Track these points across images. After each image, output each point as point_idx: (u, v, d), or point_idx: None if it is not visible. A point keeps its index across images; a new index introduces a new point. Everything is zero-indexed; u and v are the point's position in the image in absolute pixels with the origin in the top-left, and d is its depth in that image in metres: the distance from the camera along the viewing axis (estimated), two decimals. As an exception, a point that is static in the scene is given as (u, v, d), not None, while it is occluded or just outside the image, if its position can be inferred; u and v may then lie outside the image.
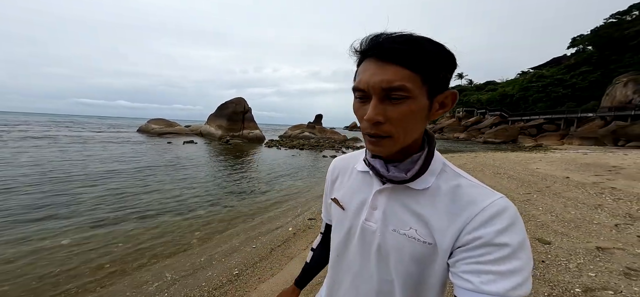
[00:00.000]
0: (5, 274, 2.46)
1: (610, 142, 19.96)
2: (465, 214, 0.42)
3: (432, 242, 0.44)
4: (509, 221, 0.39)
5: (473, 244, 0.40)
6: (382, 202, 0.49)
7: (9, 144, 11.90)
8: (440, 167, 0.47)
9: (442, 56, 0.40)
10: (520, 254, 0.38)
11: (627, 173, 6.17)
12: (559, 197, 4.48)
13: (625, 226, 3.12)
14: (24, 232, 3.29)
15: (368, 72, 0.41)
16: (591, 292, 2.00)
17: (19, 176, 5.94)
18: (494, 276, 0.37)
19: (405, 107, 0.40)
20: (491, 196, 0.42)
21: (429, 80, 0.40)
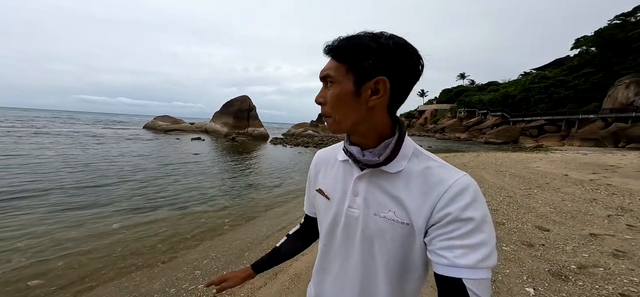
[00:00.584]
0: (76, 252, 2.83)
1: (610, 144, 20.15)
2: (435, 193, 0.45)
3: (409, 223, 0.47)
4: (472, 197, 0.43)
5: (444, 220, 0.44)
6: (363, 188, 0.52)
7: (26, 140, 12.28)
8: (412, 151, 0.51)
9: (366, 48, 0.45)
10: (484, 227, 0.42)
11: (623, 172, 6.50)
12: (558, 192, 4.82)
13: (616, 216, 3.46)
14: (77, 218, 3.66)
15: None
16: (584, 268, 2.33)
17: (54, 171, 6.29)
18: (464, 249, 0.41)
19: (332, 90, 0.48)
20: (456, 174, 0.46)
21: (354, 69, 0.46)
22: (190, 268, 2.56)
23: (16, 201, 4.07)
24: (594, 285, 2.07)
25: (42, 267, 2.53)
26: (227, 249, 3.04)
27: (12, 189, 4.55)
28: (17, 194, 4.28)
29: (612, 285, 2.06)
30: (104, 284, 2.33)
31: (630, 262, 2.37)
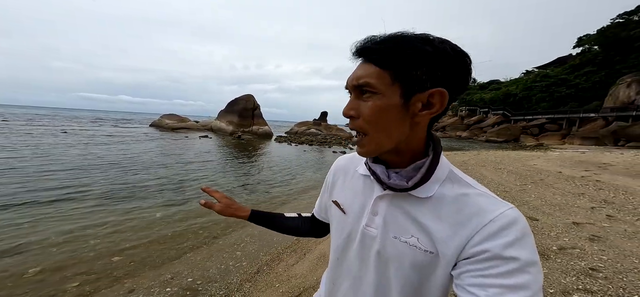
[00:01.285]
0: (136, 236, 3.30)
1: (610, 142, 20.40)
2: (472, 225, 0.40)
3: (434, 252, 0.43)
4: (519, 234, 0.38)
5: (480, 256, 0.39)
6: (383, 208, 0.49)
7: (47, 139, 12.78)
8: (446, 174, 0.46)
9: (420, 52, 0.39)
10: (530, 269, 0.37)
11: (614, 169, 6.91)
12: (550, 187, 5.25)
13: (599, 208, 3.89)
14: (125, 210, 4.14)
15: (353, 71, 0.44)
16: (563, 250, 2.76)
17: (86, 169, 6.72)
18: (501, 289, 0.36)
19: (372, 102, 0.41)
20: (500, 206, 0.41)
21: (401, 78, 0.40)
22: (231, 249, 3.03)
23: (67, 197, 4.53)
24: (569, 262, 2.51)
25: (115, 248, 2.99)
26: (258, 235, 3.50)
27: (59, 185, 5.01)
28: (65, 191, 4.73)
29: (584, 262, 2.49)
30: (170, 262, 2.79)
31: (603, 245, 2.80)
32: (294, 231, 0.73)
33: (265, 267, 2.72)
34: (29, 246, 2.90)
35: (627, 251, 2.64)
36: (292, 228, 0.73)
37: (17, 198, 4.14)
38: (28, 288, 2.24)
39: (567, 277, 2.24)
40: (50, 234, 3.16)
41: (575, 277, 2.24)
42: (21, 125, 18.20)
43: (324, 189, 0.66)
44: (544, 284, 2.21)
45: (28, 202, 4.05)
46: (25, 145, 9.57)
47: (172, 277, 2.45)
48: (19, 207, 3.86)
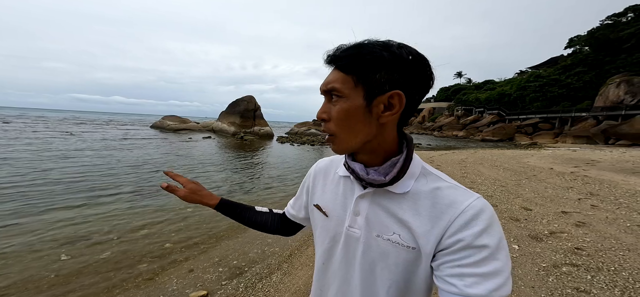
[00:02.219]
0: (175, 227, 3.66)
1: (601, 141, 21.07)
2: (446, 217, 0.42)
3: (415, 247, 0.44)
4: (487, 223, 0.41)
5: (454, 247, 0.41)
6: (365, 207, 0.50)
7: (54, 143, 12.95)
8: (419, 170, 0.48)
9: (378, 58, 0.41)
10: (499, 255, 0.39)
11: (601, 165, 7.45)
12: (542, 182, 5.74)
13: (585, 199, 4.37)
14: (155, 204, 4.52)
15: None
16: (554, 233, 3.21)
17: (110, 170, 7.05)
18: (476, 278, 0.39)
19: (339, 106, 0.44)
20: (469, 197, 0.43)
21: (363, 82, 0.42)
22: (263, 237, 3.40)
23: (102, 196, 4.88)
24: (558, 243, 2.95)
25: (164, 237, 3.37)
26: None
27: (92, 187, 5.33)
28: (99, 192, 5.05)
29: (571, 243, 2.94)
30: (213, 248, 3.18)
31: (587, 229, 3.25)
32: (261, 226, 0.72)
33: (296, 251, 3.12)
34: (90, 237, 3.29)
35: (606, 233, 3.10)
36: (259, 223, 0.72)
37: (67, 200, 4.45)
38: (106, 269, 2.63)
39: (557, 254, 2.68)
40: (103, 229, 3.54)
41: (563, 254, 2.68)
42: (19, 128, 18.23)
43: (302, 189, 0.67)
44: (539, 259, 2.70)
45: (78, 204, 4.37)
46: (41, 149, 9.77)
47: (219, 260, 2.83)
48: (75, 209, 4.19)
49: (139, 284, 2.38)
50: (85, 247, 3.00)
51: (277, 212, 0.74)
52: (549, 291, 2.10)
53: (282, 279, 2.49)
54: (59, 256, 2.75)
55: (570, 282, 2.20)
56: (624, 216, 3.60)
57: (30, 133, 14.97)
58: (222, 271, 2.61)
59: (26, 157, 7.54)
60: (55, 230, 3.36)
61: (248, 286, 2.39)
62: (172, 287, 2.33)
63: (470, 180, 6.34)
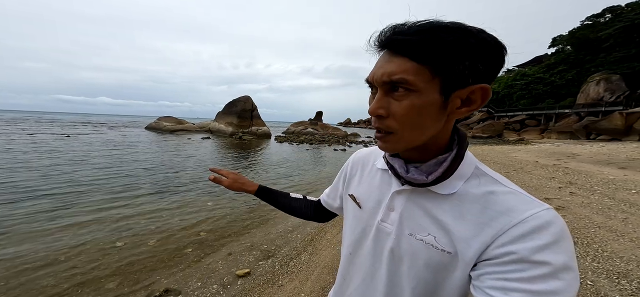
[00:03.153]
0: (199, 220, 3.97)
1: (583, 136, 22.16)
2: (498, 225, 0.37)
3: (452, 252, 0.40)
4: (553, 238, 0.34)
5: (504, 259, 0.35)
6: (400, 203, 0.47)
7: (55, 143, 12.86)
8: (472, 170, 0.43)
9: (462, 45, 0.35)
10: (563, 275, 0.33)
11: (580, 158, 8.17)
12: (528, 173, 6.34)
13: (565, 187, 4.95)
14: (176, 200, 4.86)
15: (377, 63, 0.40)
16: (537, 216, 3.72)
17: (128, 172, 7.23)
18: (525, 294, 0.33)
19: (408, 102, 0.38)
20: (534, 206, 0.37)
21: (442, 73, 0.36)
22: (284, 225, 3.78)
23: (129, 195, 5.14)
24: (541, 223, 3.46)
25: (196, 227, 3.69)
26: (292, 224, 4.21)
27: (115, 187, 5.56)
28: (124, 192, 5.28)
29: (552, 222, 3.45)
30: (242, 235, 3.52)
31: (565, 212, 3.78)
32: (297, 212, 0.75)
33: (317, 236, 3.51)
34: (132, 228, 3.61)
35: (581, 215, 3.63)
36: (295, 208, 0.75)
37: (99, 202, 4.69)
38: (158, 253, 2.96)
39: (539, 232, 3.18)
40: (140, 222, 3.85)
41: (545, 232, 3.18)
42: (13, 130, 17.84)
43: (339, 179, 0.66)
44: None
45: (108, 205, 4.61)
46: (54, 152, 9.79)
47: (250, 246, 3.19)
48: (108, 208, 4.45)
49: (190, 264, 2.73)
50: (132, 236, 3.33)
51: (311, 200, 0.76)
52: (533, 259, 2.57)
53: (310, 258, 2.89)
54: (115, 244, 3.07)
55: (550, 252, 2.68)
56: (597, 201, 4.16)
57: (26, 136, 14.74)
58: (256, 254, 2.98)
59: (44, 163, 7.61)
60: (100, 225, 3.70)
61: (282, 264, 2.77)
62: (219, 267, 2.69)
63: (464, 173, 6.89)
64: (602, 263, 2.39)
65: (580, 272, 2.25)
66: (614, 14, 30.85)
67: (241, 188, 0.76)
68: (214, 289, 2.34)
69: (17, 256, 2.80)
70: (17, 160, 7.75)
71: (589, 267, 2.33)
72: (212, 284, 2.40)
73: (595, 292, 1.99)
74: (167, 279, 2.46)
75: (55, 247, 3.01)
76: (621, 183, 5.06)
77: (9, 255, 2.82)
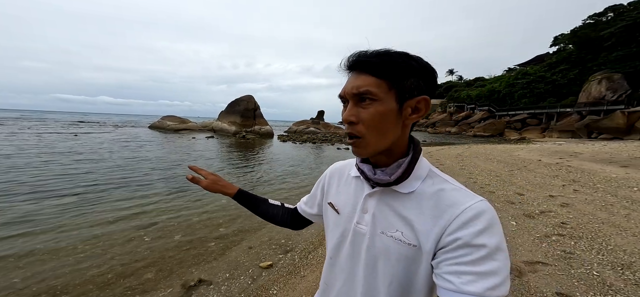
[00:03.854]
0: (220, 215, 4.14)
1: (584, 135, 22.13)
2: (446, 216, 0.45)
3: (416, 245, 0.46)
4: (487, 223, 0.42)
5: (453, 245, 0.43)
6: (372, 205, 0.53)
7: (73, 145, 12.97)
8: (426, 172, 0.51)
9: (409, 65, 0.46)
10: (498, 256, 0.40)
11: (582, 157, 8.30)
12: (532, 172, 6.47)
13: (568, 185, 5.08)
14: (193, 197, 5.06)
15: (347, 81, 0.50)
16: (544, 212, 3.85)
17: (143, 170, 7.49)
18: (473, 276, 0.40)
19: (373, 108, 0.46)
20: (471, 198, 0.45)
21: (396, 86, 0.46)
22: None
23: (146, 192, 5.33)
24: (547, 219, 3.59)
25: (215, 222, 3.88)
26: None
27: (131, 184, 5.78)
28: (141, 191, 5.48)
29: (557, 219, 3.58)
30: (259, 230, 3.67)
31: (570, 209, 3.92)
32: (272, 219, 0.77)
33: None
34: (156, 224, 3.80)
35: (585, 211, 3.77)
36: (273, 215, 0.77)
37: (119, 200, 4.88)
38: (185, 247, 3.12)
39: (547, 228, 3.31)
40: (162, 218, 4.04)
41: (552, 227, 3.31)
42: (16, 128, 18.00)
43: (317, 188, 0.70)
44: (533, 231, 3.31)
45: (128, 203, 4.80)
46: (71, 152, 9.95)
47: (268, 240, 3.34)
48: (130, 205, 4.64)
49: (216, 257, 2.88)
50: (157, 231, 3.50)
51: (288, 207, 0.79)
52: (543, 253, 2.69)
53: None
54: (143, 238, 3.23)
55: (558, 246, 2.80)
56: (600, 198, 4.29)
57: (35, 136, 14.90)
58: (275, 248, 3.13)
59: (62, 162, 7.79)
60: (125, 220, 3.90)
61: (301, 257, 2.92)
62: (242, 260, 2.84)
63: (468, 172, 7.01)
64: (606, 256, 2.52)
65: (586, 265, 2.39)
66: (616, 12, 30.80)
67: (220, 190, 0.77)
68: (242, 280, 2.49)
69: (56, 248, 3.01)
70: (35, 160, 7.99)
71: (595, 260, 2.47)
72: (239, 276, 2.55)
73: (601, 282, 2.13)
74: (197, 271, 2.62)
75: (88, 240, 3.22)
76: (623, 181, 5.19)
77: (50, 246, 3.04)
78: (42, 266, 2.68)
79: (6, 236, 3.25)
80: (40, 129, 19.40)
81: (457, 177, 6.40)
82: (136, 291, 2.32)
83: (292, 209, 0.78)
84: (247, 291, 2.32)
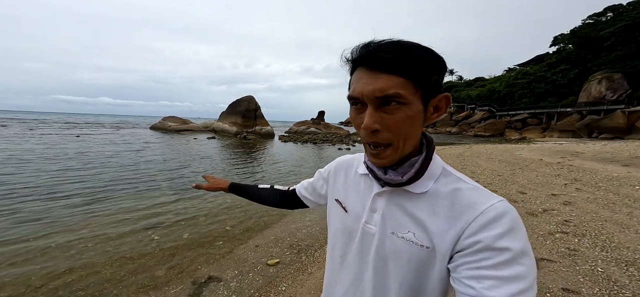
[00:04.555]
0: (228, 215, 4.21)
1: (585, 134, 22.17)
2: (464, 218, 0.42)
3: (430, 246, 0.44)
4: (509, 225, 0.39)
5: (472, 248, 0.40)
6: (381, 205, 0.51)
7: (76, 144, 13.04)
8: (440, 171, 0.48)
9: (432, 61, 0.41)
10: (523, 260, 0.37)
11: (584, 156, 8.33)
12: (534, 171, 6.51)
13: (570, 184, 5.11)
14: (202, 195, 5.13)
15: (361, 81, 0.43)
16: (546, 211, 3.88)
17: (145, 170, 7.56)
18: (496, 281, 0.37)
19: (402, 114, 0.41)
20: (491, 198, 0.42)
21: (422, 85, 0.41)
22: (301, 220, 3.96)
23: (153, 191, 5.40)
24: (551, 217, 3.62)
25: (221, 222, 3.92)
26: (318, 212, 4.43)
27: (138, 184, 5.88)
28: (148, 191, 5.57)
29: (560, 217, 3.61)
30: (265, 230, 3.72)
31: (572, 207, 3.95)
32: (264, 200, 0.81)
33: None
34: (164, 223, 3.89)
35: (588, 209, 3.80)
36: (263, 197, 0.81)
37: (128, 198, 5.00)
38: (194, 245, 3.20)
39: (550, 225, 3.35)
40: (170, 217, 4.12)
41: (555, 225, 3.34)
42: (30, 130, 18.04)
43: (319, 178, 0.70)
44: (537, 229, 3.35)
45: (135, 202, 4.90)
46: (78, 153, 9.99)
47: (275, 239, 3.37)
48: (139, 204, 4.72)
49: (224, 255, 2.92)
50: (165, 229, 3.56)
51: (278, 188, 0.81)
52: (548, 250, 2.72)
53: (333, 250, 3.08)
54: (152, 237, 3.28)
55: (563, 244, 2.83)
56: (602, 196, 4.32)
57: (38, 136, 14.96)
58: (282, 246, 3.16)
59: (68, 164, 7.85)
60: (136, 219, 3.98)
61: (308, 254, 2.95)
62: (250, 257, 2.88)
63: (470, 171, 7.05)
64: (610, 253, 2.56)
65: (591, 262, 2.43)
66: (616, 12, 30.88)
67: (218, 187, 0.85)
68: (250, 277, 2.52)
69: (69, 246, 3.10)
70: (41, 161, 8.09)
71: (599, 256, 2.51)
72: (247, 273, 2.58)
73: (606, 278, 2.17)
74: (206, 268, 2.66)
75: (99, 238, 3.30)
76: (625, 180, 5.23)
77: (62, 244, 3.13)
78: (56, 264, 2.75)
79: (22, 235, 3.35)
80: (44, 130, 19.45)
81: (460, 177, 6.45)
82: (149, 288, 2.37)
83: (285, 190, 0.79)
84: (257, 287, 2.36)
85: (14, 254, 2.90)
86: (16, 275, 2.54)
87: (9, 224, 3.60)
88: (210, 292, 2.29)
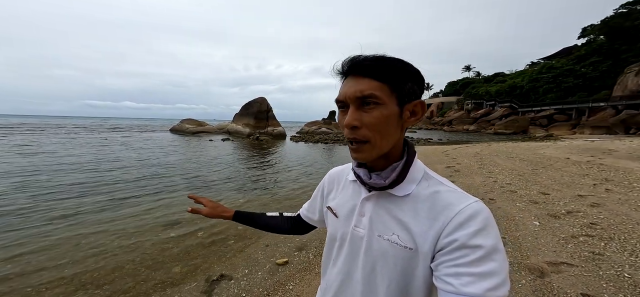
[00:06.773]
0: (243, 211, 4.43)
1: (621, 131, 20.57)
2: (442, 218, 0.45)
3: (413, 248, 0.47)
4: (482, 224, 0.42)
5: (450, 246, 0.43)
6: (369, 208, 0.54)
7: (120, 149, 14.04)
8: (421, 174, 0.52)
9: (407, 70, 0.48)
10: (495, 256, 0.41)
11: (617, 154, 7.70)
12: (559, 170, 6.11)
13: (600, 184, 4.75)
14: (217, 196, 5.38)
15: (346, 86, 0.49)
16: (570, 213, 3.64)
17: (164, 171, 8.06)
18: (472, 277, 0.40)
19: (378, 112, 0.47)
20: (466, 199, 0.46)
21: (397, 90, 0.47)
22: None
23: (172, 191, 5.76)
24: (575, 220, 3.40)
25: (233, 222, 4.12)
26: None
27: (158, 183, 6.36)
28: (167, 190, 6.04)
29: (586, 219, 3.38)
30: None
31: (601, 209, 3.68)
32: (275, 229, 0.81)
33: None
34: (180, 222, 4.08)
35: (618, 212, 3.52)
36: (273, 226, 0.80)
37: (147, 198, 5.34)
38: (208, 244, 3.35)
39: (574, 228, 3.14)
40: (185, 216, 4.30)
41: (580, 228, 3.13)
42: (63, 135, 19.54)
43: (317, 194, 0.73)
44: (558, 232, 3.15)
45: (152, 201, 5.24)
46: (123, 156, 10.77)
47: (284, 238, 3.42)
48: (157, 203, 5.04)
49: (235, 254, 3.02)
50: (181, 228, 3.76)
51: (287, 215, 0.82)
52: (569, 254, 2.56)
53: (342, 250, 3.08)
54: (169, 234, 3.49)
55: (586, 248, 2.65)
56: (636, 198, 3.99)
57: (70, 139, 16.17)
58: (291, 245, 3.21)
59: (103, 167, 8.48)
60: (155, 218, 4.24)
61: (316, 254, 2.97)
62: (259, 256, 2.95)
63: (487, 170, 6.75)
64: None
65: (617, 266, 2.26)
66: (654, -2, 28.27)
67: (219, 215, 0.79)
68: (260, 275, 2.59)
69: (96, 242, 3.39)
70: (73, 162, 8.87)
71: (627, 261, 2.33)
72: (257, 271, 2.65)
73: (633, 284, 2.01)
74: (219, 266, 2.76)
75: (121, 233, 3.57)
76: (664, 180, 4.79)
77: (91, 240, 3.43)
78: (85, 257, 3.01)
79: (55, 230, 3.72)
80: (75, 134, 20.96)
81: (475, 176, 6.19)
82: (166, 284, 2.50)
83: (294, 217, 0.81)
84: (265, 286, 2.41)
85: (50, 246, 3.27)
86: (49, 268, 2.82)
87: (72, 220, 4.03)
88: (222, 290, 2.37)
